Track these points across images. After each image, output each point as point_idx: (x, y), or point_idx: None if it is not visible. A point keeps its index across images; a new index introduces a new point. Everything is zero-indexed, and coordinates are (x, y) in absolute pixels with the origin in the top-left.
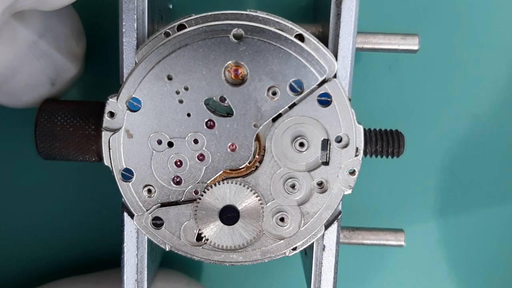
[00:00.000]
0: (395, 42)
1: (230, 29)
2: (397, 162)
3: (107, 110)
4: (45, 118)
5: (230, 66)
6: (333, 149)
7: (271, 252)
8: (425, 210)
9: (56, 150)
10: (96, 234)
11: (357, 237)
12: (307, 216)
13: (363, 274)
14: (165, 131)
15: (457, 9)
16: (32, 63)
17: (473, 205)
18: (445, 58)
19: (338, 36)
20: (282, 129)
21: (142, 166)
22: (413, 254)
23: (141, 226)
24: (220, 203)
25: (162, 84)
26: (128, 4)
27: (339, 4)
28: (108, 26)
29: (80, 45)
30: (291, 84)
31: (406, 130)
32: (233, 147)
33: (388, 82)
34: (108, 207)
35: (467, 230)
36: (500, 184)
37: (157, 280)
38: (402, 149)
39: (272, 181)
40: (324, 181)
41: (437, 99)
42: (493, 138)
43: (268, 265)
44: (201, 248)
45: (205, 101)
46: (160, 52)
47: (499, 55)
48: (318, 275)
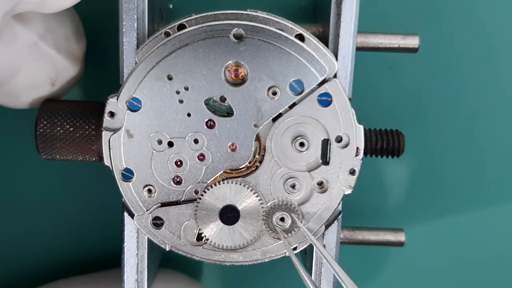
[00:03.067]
0: (395, 42)
1: (230, 29)
2: (397, 162)
3: (107, 110)
4: (45, 118)
5: (230, 66)
6: (333, 149)
7: (271, 252)
8: (425, 210)
9: (56, 150)
10: (96, 234)
11: (357, 237)
12: (307, 216)
13: (363, 274)
14: (165, 131)
15: (457, 9)
16: (32, 64)
17: (473, 205)
18: (445, 58)
19: (338, 36)
20: (282, 129)
21: (142, 166)
22: (413, 254)
23: (141, 226)
24: (220, 203)
25: (162, 84)
26: (128, 4)
27: (339, 4)
28: (108, 26)
29: (80, 45)
30: (291, 84)
31: (406, 130)
32: (233, 147)
33: (388, 82)
34: (108, 207)
35: (467, 230)
36: (500, 184)
37: (157, 280)
38: (402, 149)
39: (272, 181)
40: (324, 181)
41: (437, 99)
42: (493, 138)
43: (268, 265)
44: (201, 248)
45: (205, 101)
46: (160, 52)
47: (499, 55)
48: (318, 275)
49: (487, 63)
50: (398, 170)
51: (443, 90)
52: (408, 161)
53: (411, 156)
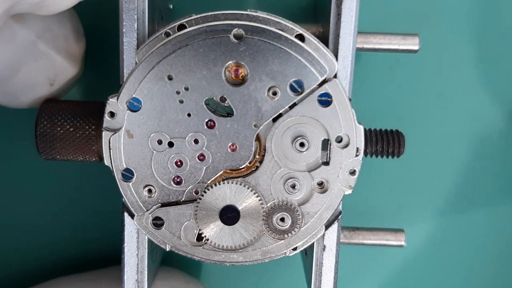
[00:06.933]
0: (395, 42)
1: (231, 29)
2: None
3: (108, 110)
4: (45, 118)
5: (230, 66)
6: (333, 149)
7: (271, 252)
8: (425, 210)
9: (56, 150)
10: (96, 234)
11: (357, 237)
12: (308, 216)
13: (363, 274)
14: (166, 131)
15: (457, 9)
16: (31, 64)
17: (473, 205)
18: (445, 58)
19: (339, 36)
20: (283, 129)
21: (143, 166)
22: (413, 254)
23: (142, 226)
24: (220, 203)
25: (162, 84)
26: (128, 4)
27: (340, 4)
28: (108, 26)
29: (79, 45)
30: (292, 84)
31: (406, 130)
32: (233, 147)
33: (388, 82)
34: (108, 207)
35: (467, 230)
36: (500, 184)
37: (156, 278)
38: (402, 149)
39: (273, 181)
40: (325, 181)
41: (437, 99)
42: (493, 137)
43: (268, 265)
44: (202, 248)
45: (206, 101)
46: (160, 52)
47: (499, 55)
48: (318, 275)
49: (487, 63)
50: (398, 170)
51: (443, 90)
52: (408, 161)
53: (411, 156)
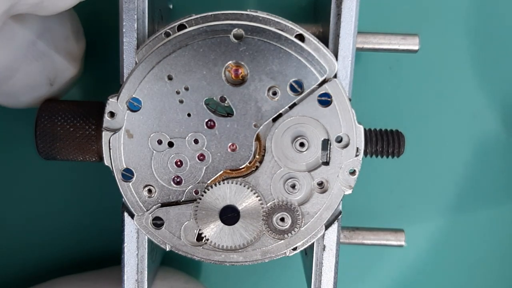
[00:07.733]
0: (395, 42)
1: (231, 29)
2: (397, 162)
3: (108, 110)
4: (45, 118)
5: (230, 66)
6: (333, 149)
7: (271, 252)
8: (425, 210)
9: (56, 150)
10: (96, 234)
11: (357, 237)
12: (308, 216)
13: (363, 274)
14: (166, 131)
15: (457, 9)
16: (31, 64)
17: (473, 205)
18: (445, 58)
19: (339, 36)
20: (283, 129)
21: (143, 166)
22: (413, 254)
23: (142, 226)
24: (220, 203)
25: (162, 84)
26: (128, 4)
27: (340, 4)
28: (108, 26)
29: (79, 45)
30: (292, 84)
31: (406, 130)
32: (233, 147)
33: (388, 82)
34: (108, 207)
35: (468, 230)
36: (501, 184)
37: (156, 278)
38: (402, 149)
39: (273, 181)
40: (325, 181)
41: (437, 99)
42: (493, 137)
43: (268, 265)
44: (202, 248)
45: (206, 101)
46: (160, 52)
47: (499, 55)
48: (318, 275)
49: (487, 63)
50: (398, 170)
51: (443, 90)
52: (408, 161)
53: (411, 156)
